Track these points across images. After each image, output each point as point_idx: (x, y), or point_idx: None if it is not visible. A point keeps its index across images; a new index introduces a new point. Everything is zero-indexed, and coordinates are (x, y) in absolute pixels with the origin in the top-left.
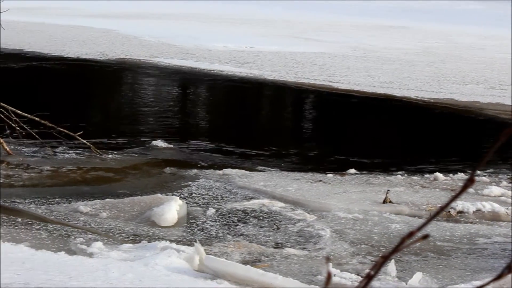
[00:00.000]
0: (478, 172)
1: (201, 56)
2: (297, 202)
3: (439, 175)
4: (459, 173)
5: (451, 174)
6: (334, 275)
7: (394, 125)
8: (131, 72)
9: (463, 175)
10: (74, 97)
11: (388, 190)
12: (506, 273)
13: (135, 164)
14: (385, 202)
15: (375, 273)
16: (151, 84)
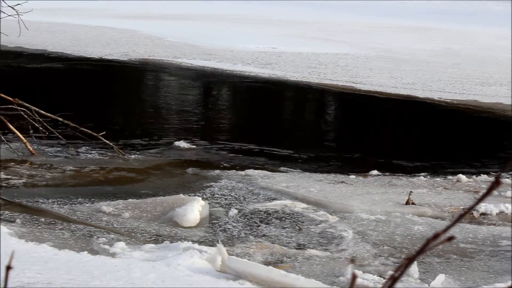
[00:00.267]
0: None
1: (223, 57)
2: (319, 203)
3: (462, 177)
4: (482, 175)
5: (474, 176)
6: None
7: (417, 126)
8: (154, 72)
9: (486, 177)
10: (97, 97)
11: (410, 192)
12: None
13: (158, 164)
14: (407, 203)
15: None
16: (174, 84)
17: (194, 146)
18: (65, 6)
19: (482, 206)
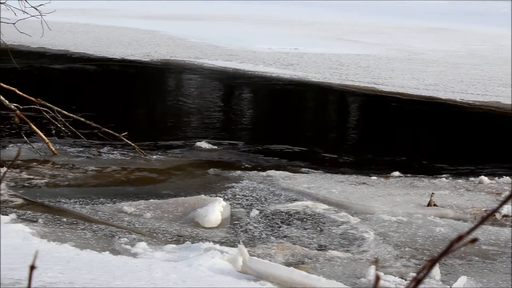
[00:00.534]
0: None
1: (245, 57)
2: (340, 205)
3: (484, 179)
4: (505, 176)
5: (497, 178)
6: None
7: (439, 127)
8: (176, 73)
9: (509, 179)
10: (119, 97)
11: (432, 193)
12: None
13: (179, 165)
14: (429, 205)
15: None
16: (195, 85)
17: (216, 147)
18: (87, 6)
19: (505, 208)
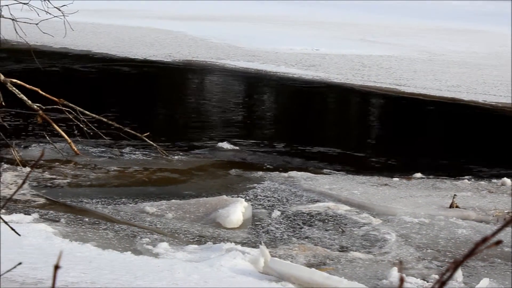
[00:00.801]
0: None
1: (267, 58)
2: (362, 206)
3: (507, 181)
4: None
5: None
6: None
7: (461, 129)
8: (197, 74)
9: None
10: (141, 98)
11: (454, 195)
12: None
13: (201, 165)
14: (451, 207)
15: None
16: (217, 86)
17: (238, 148)
18: (110, 7)
19: None
